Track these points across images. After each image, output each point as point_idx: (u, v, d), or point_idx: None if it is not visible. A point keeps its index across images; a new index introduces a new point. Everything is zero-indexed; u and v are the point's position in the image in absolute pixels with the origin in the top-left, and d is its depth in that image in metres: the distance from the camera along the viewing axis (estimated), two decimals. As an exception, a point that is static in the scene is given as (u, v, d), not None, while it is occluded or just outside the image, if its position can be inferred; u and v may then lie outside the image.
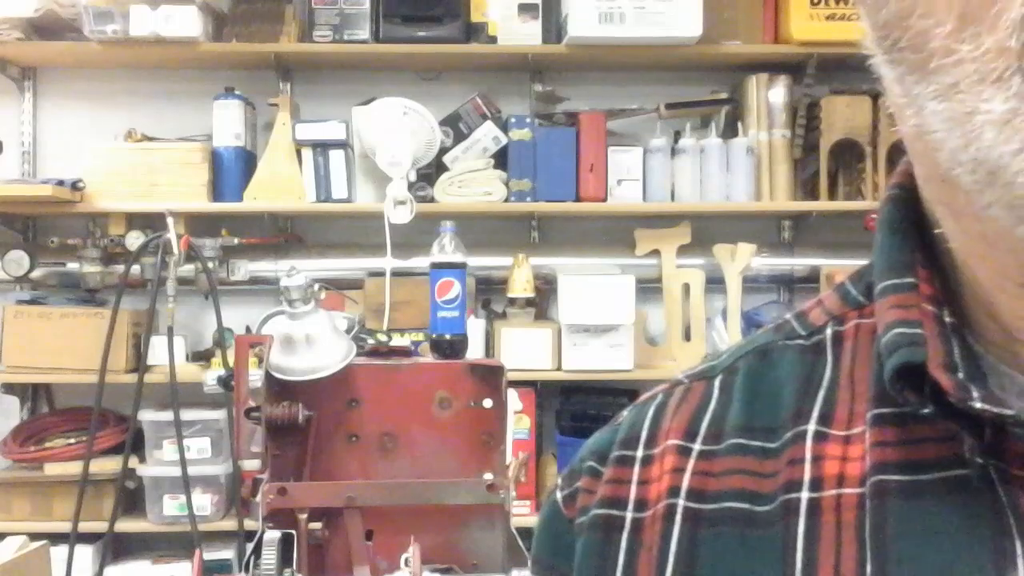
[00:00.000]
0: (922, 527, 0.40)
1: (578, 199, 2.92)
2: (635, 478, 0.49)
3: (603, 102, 3.04)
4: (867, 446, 0.43)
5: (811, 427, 0.45)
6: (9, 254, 2.89)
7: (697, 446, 0.48)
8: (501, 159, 2.94)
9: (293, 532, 1.66)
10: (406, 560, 1.60)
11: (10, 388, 3.02)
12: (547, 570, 0.53)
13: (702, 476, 0.47)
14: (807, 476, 0.44)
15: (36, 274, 2.95)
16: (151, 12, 2.79)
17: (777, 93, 2.99)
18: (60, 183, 2.80)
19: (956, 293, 0.42)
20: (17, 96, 3.11)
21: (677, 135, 2.99)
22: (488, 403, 1.82)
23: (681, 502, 0.47)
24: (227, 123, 2.94)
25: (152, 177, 2.90)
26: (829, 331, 0.48)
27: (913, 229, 0.43)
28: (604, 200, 2.93)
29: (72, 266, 2.97)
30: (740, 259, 3.00)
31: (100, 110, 3.11)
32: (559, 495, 0.53)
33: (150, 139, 2.97)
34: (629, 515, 0.48)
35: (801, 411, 0.46)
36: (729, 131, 3.00)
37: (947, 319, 0.40)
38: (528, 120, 2.94)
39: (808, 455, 0.44)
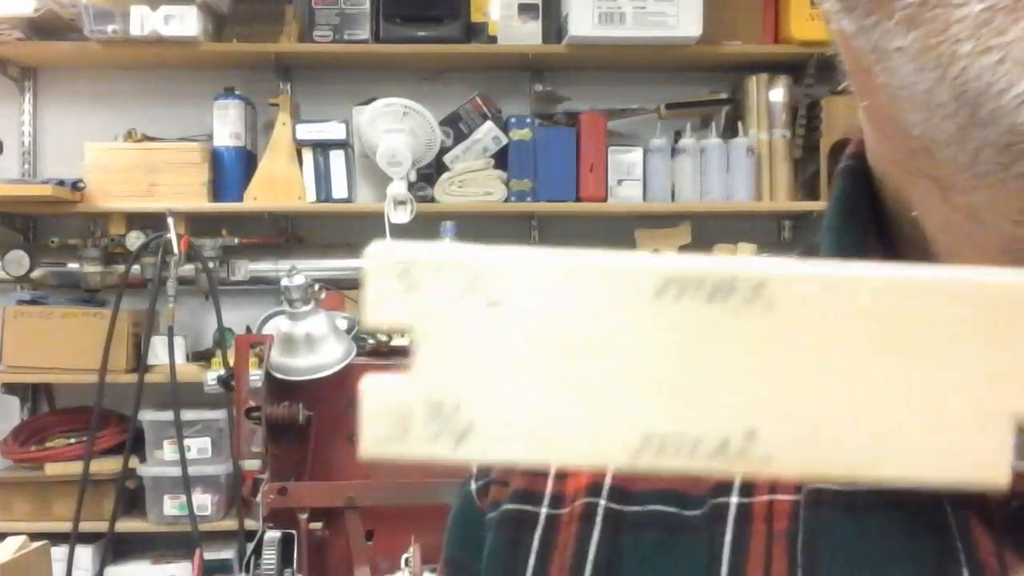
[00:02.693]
0: (859, 547, 0.36)
1: (578, 199, 2.92)
2: (552, 471, 0.45)
3: (603, 102, 3.04)
4: None
5: None
6: (9, 254, 2.89)
7: None
8: (501, 159, 2.94)
9: (293, 532, 1.66)
10: (406, 560, 1.60)
11: (10, 388, 3.02)
12: (459, 571, 0.48)
13: (626, 474, 0.43)
14: (737, 479, 0.40)
15: (36, 274, 2.95)
16: (151, 12, 2.79)
17: (777, 93, 2.99)
18: (60, 183, 2.80)
19: None
20: (17, 96, 3.11)
21: (677, 135, 2.99)
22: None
23: (602, 502, 0.42)
24: (227, 123, 2.94)
25: (152, 177, 2.90)
26: None
27: (868, 209, 0.39)
28: (604, 200, 2.93)
29: (72, 266, 2.96)
30: (740, 259, 2.99)
31: (100, 110, 3.11)
32: (472, 486, 0.48)
33: (150, 139, 2.97)
34: (543, 511, 0.44)
35: None
36: (729, 131, 3.00)
37: None
38: (528, 120, 2.94)
39: None
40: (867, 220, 0.39)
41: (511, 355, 0.21)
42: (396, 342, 2.17)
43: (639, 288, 0.20)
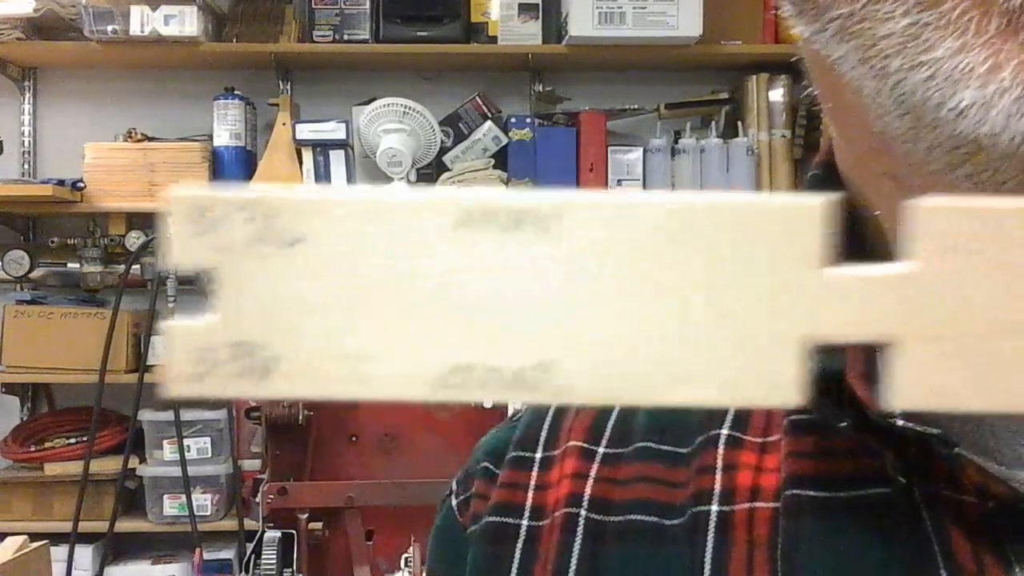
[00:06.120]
0: (837, 552, 0.36)
1: (578, 199, 2.91)
2: (532, 482, 0.44)
3: (603, 102, 3.04)
4: (783, 456, 0.38)
5: (724, 432, 0.40)
6: (9, 254, 2.89)
7: (602, 449, 0.43)
8: (501, 159, 2.94)
9: (293, 532, 1.66)
10: (406, 560, 1.60)
11: (10, 388, 3.02)
12: None
13: (606, 483, 0.42)
14: (717, 487, 0.39)
15: (36, 274, 2.95)
16: (151, 12, 2.79)
17: (777, 93, 2.99)
18: (60, 183, 2.80)
19: None
20: (17, 96, 3.11)
21: (677, 135, 2.99)
22: (488, 403, 1.82)
23: (583, 512, 0.42)
24: (227, 123, 2.94)
25: (152, 177, 2.90)
26: None
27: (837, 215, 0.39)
28: (604, 200, 2.92)
29: (72, 266, 2.96)
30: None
31: (100, 110, 3.11)
32: (454, 501, 0.48)
33: (150, 139, 2.97)
34: (524, 523, 0.43)
35: (714, 413, 0.41)
36: (729, 131, 3.00)
37: None
38: (528, 120, 2.94)
39: (719, 463, 0.40)
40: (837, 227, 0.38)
41: (312, 293, 0.21)
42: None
43: (437, 221, 0.21)
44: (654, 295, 0.21)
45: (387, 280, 0.21)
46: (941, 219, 0.20)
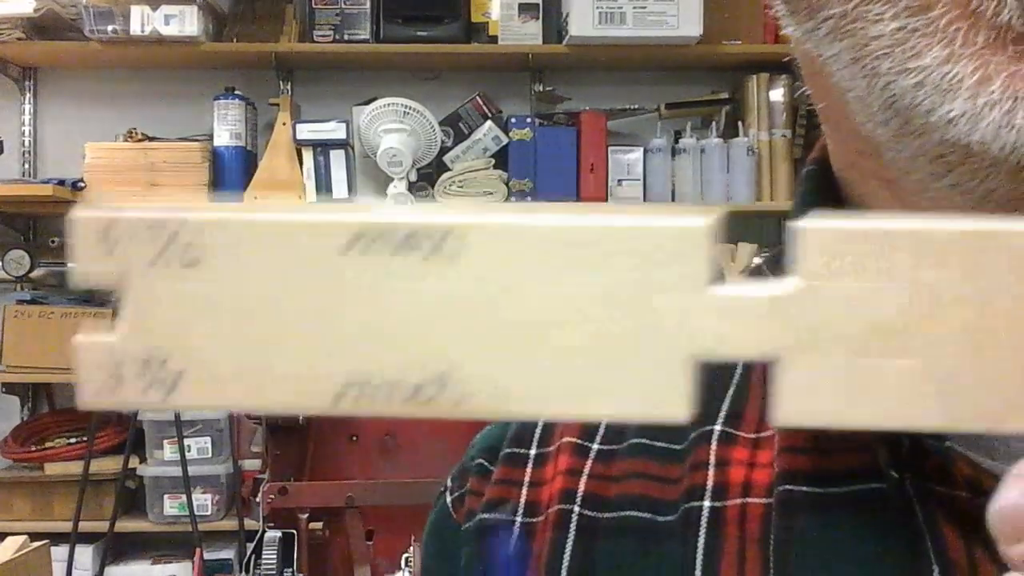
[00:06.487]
0: (830, 548, 0.36)
1: (579, 199, 2.91)
2: (526, 479, 0.44)
3: (604, 102, 3.04)
4: (776, 451, 0.38)
5: (717, 427, 0.40)
6: (9, 254, 2.88)
7: (595, 445, 0.43)
8: (502, 159, 2.94)
9: (294, 532, 1.66)
10: (406, 560, 1.60)
11: (10, 388, 3.02)
12: None
13: (600, 480, 0.42)
14: (710, 483, 0.39)
15: (36, 274, 2.95)
16: (151, 12, 2.79)
17: (777, 93, 2.98)
18: (61, 183, 2.80)
19: None
20: (17, 96, 3.10)
21: (677, 135, 2.99)
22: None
23: (576, 509, 0.41)
24: (227, 123, 2.94)
25: (152, 177, 2.90)
26: None
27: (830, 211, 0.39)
28: (605, 200, 2.92)
29: (72, 266, 2.96)
30: (741, 259, 3.00)
31: (100, 110, 3.11)
32: (448, 497, 0.47)
33: (150, 139, 2.97)
34: (518, 520, 0.43)
35: (708, 409, 0.40)
36: (730, 131, 3.00)
37: None
38: (529, 120, 2.94)
39: (712, 459, 0.39)
40: None
41: (212, 309, 0.22)
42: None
43: (329, 243, 0.21)
44: (547, 313, 0.21)
45: (283, 297, 0.21)
46: (823, 240, 0.21)
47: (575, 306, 0.21)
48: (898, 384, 0.21)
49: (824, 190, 0.39)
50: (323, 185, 2.93)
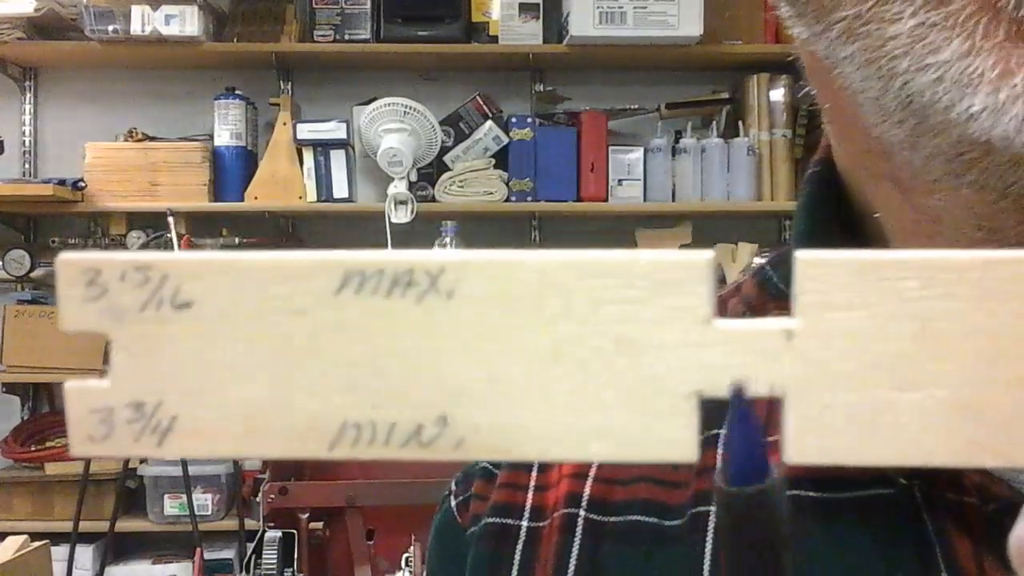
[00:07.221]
0: (838, 556, 0.35)
1: (579, 199, 2.92)
2: (532, 483, 0.44)
3: (604, 102, 3.04)
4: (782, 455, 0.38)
5: (723, 432, 0.40)
6: (10, 254, 2.88)
7: None
8: (502, 159, 2.94)
9: (294, 532, 1.66)
10: (406, 560, 1.60)
11: (10, 388, 3.02)
12: None
13: (605, 483, 0.41)
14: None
15: (37, 274, 2.95)
16: (152, 12, 2.79)
17: (778, 93, 2.98)
18: (61, 183, 2.80)
19: None
20: (18, 96, 3.11)
21: (678, 135, 2.99)
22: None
23: (582, 513, 0.41)
24: (228, 123, 2.94)
25: (153, 177, 2.90)
26: None
27: (835, 213, 0.39)
28: (605, 200, 2.93)
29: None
30: (741, 259, 3.00)
31: (101, 110, 3.11)
32: (453, 502, 0.47)
33: (151, 139, 2.97)
34: (524, 524, 0.43)
35: (714, 413, 0.40)
36: (730, 131, 3.00)
37: None
38: (529, 120, 2.94)
39: (719, 464, 0.38)
40: (833, 224, 0.39)
41: (203, 354, 0.21)
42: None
43: (321, 284, 0.21)
44: (545, 352, 0.21)
45: (273, 341, 0.21)
46: (831, 273, 0.20)
47: (574, 345, 0.21)
48: (910, 418, 0.20)
49: (829, 192, 0.39)
50: (323, 185, 2.93)
